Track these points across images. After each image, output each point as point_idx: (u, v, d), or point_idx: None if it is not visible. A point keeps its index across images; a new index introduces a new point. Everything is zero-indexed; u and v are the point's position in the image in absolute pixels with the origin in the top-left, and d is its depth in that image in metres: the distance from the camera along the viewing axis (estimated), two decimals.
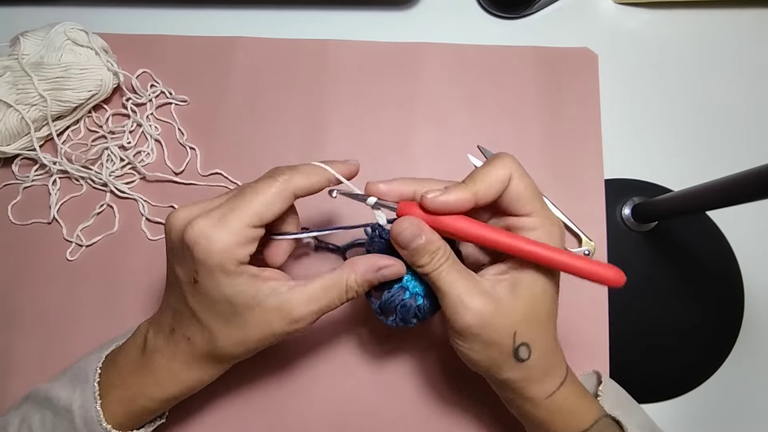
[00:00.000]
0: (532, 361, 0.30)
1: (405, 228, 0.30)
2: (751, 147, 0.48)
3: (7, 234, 0.46)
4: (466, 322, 0.29)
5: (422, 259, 0.30)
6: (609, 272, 0.29)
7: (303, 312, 0.31)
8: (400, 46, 0.50)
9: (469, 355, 0.31)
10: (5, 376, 0.42)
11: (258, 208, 0.30)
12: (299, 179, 0.31)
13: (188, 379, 0.33)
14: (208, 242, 0.29)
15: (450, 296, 0.30)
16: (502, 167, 0.30)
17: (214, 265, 0.29)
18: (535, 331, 0.31)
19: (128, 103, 0.48)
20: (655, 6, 0.51)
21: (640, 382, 0.43)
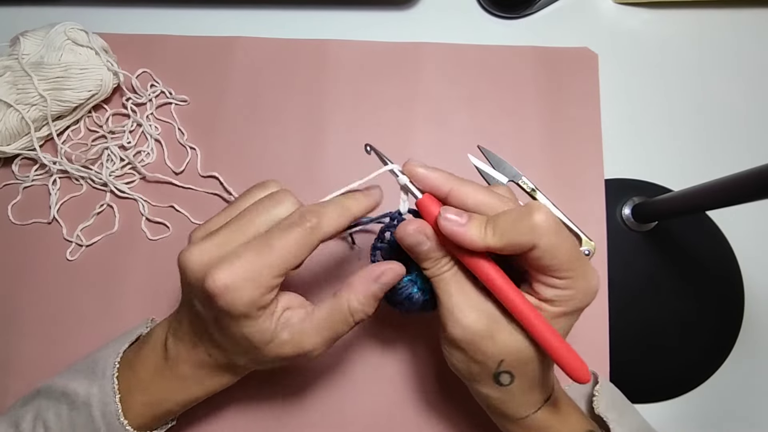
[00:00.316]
0: (513, 388, 0.30)
1: (409, 233, 0.30)
2: (751, 147, 0.48)
3: (7, 234, 0.46)
4: (455, 335, 0.30)
5: (425, 263, 0.30)
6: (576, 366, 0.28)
7: (312, 344, 0.30)
8: (400, 46, 0.50)
9: (450, 360, 0.32)
10: (5, 376, 0.42)
11: (284, 262, 0.28)
12: (327, 224, 0.30)
13: (212, 384, 0.34)
14: (234, 296, 0.27)
15: (445, 306, 0.30)
16: (527, 234, 0.27)
17: (239, 314, 0.28)
18: (524, 368, 0.30)
19: (128, 103, 0.48)
20: (655, 6, 0.51)
21: (640, 382, 0.43)
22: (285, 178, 0.46)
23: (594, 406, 0.35)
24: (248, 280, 0.27)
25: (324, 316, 0.30)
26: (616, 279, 0.43)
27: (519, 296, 0.29)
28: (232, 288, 0.27)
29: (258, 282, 0.28)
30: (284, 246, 0.28)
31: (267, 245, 0.28)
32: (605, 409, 0.34)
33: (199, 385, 0.33)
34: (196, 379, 0.33)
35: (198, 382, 0.33)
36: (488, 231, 0.28)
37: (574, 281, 0.28)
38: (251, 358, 0.31)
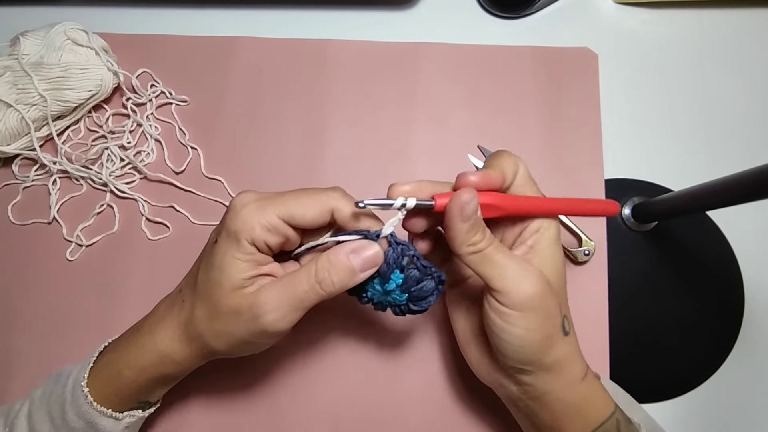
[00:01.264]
0: (571, 335, 0.31)
1: (471, 198, 0.29)
2: (751, 147, 0.48)
3: (7, 234, 0.46)
4: (530, 291, 0.29)
5: (477, 235, 0.30)
6: (606, 205, 0.34)
7: (271, 302, 0.30)
8: (400, 46, 0.50)
9: (526, 335, 0.30)
10: (5, 376, 0.42)
11: (292, 207, 0.30)
12: (344, 204, 0.31)
13: (162, 346, 0.32)
14: (239, 210, 0.30)
15: (509, 268, 0.30)
16: (510, 156, 0.32)
17: (233, 230, 0.30)
18: (566, 302, 0.32)
19: (128, 103, 0.48)
20: (655, 6, 0.51)
21: (640, 382, 0.43)
22: (285, 177, 0.46)
23: None
24: (258, 205, 0.30)
25: (290, 277, 0.30)
26: (616, 279, 0.43)
27: (540, 199, 0.32)
28: (244, 203, 0.30)
29: (264, 210, 0.30)
30: (300, 196, 0.31)
31: (291, 192, 0.32)
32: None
33: (151, 342, 0.32)
34: (151, 335, 0.33)
35: (151, 339, 0.32)
36: (496, 169, 0.31)
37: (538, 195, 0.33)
38: (208, 308, 0.31)
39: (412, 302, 0.32)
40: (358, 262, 0.30)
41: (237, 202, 0.31)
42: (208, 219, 0.46)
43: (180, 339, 0.32)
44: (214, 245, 0.31)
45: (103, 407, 0.32)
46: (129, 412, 0.34)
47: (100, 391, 0.32)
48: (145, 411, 0.35)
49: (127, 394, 0.33)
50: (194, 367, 0.34)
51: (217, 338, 0.31)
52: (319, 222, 0.31)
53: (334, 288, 0.30)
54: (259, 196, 0.31)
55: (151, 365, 0.33)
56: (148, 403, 0.35)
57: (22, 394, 0.36)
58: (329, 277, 0.30)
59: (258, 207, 0.30)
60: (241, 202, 0.31)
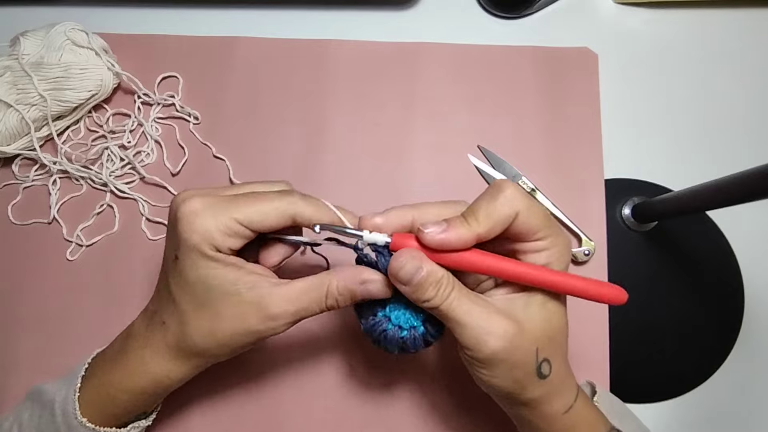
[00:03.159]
0: (552, 376, 0.30)
1: (405, 262, 0.28)
2: (751, 147, 0.48)
3: (7, 234, 0.46)
4: (492, 348, 0.28)
5: (427, 293, 0.28)
6: (612, 291, 0.29)
7: (280, 310, 0.30)
8: (400, 46, 0.50)
9: (491, 382, 0.29)
10: (5, 376, 0.42)
11: (251, 213, 0.29)
12: (304, 208, 0.30)
13: (156, 370, 0.32)
14: (193, 220, 0.29)
15: (469, 326, 0.28)
16: (507, 205, 0.28)
17: (193, 244, 0.29)
18: (552, 346, 0.30)
19: (138, 101, 0.48)
20: (655, 6, 0.51)
21: (640, 382, 0.43)
22: (285, 177, 0.46)
23: None
24: (211, 212, 0.29)
25: (301, 288, 0.30)
26: (616, 279, 0.43)
27: (525, 265, 0.29)
28: (195, 212, 0.29)
29: (218, 217, 0.29)
30: (257, 201, 0.30)
31: (244, 194, 0.30)
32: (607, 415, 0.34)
33: (142, 367, 0.32)
34: (141, 360, 0.32)
35: (142, 364, 0.32)
36: (471, 222, 0.28)
37: (554, 238, 0.29)
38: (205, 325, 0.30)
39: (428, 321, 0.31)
40: (364, 294, 0.30)
41: (186, 211, 0.29)
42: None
43: (174, 359, 0.32)
44: (177, 262, 0.30)
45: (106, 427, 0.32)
46: (133, 424, 0.34)
47: (94, 417, 0.32)
48: (148, 418, 0.35)
49: (124, 414, 0.33)
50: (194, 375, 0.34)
51: (220, 347, 0.31)
52: (279, 226, 0.31)
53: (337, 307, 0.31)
54: (209, 201, 0.29)
55: (150, 386, 0.32)
56: (144, 413, 0.35)
57: (21, 394, 0.36)
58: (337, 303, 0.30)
59: (212, 213, 0.29)
60: (190, 209, 0.29)
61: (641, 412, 0.42)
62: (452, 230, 0.28)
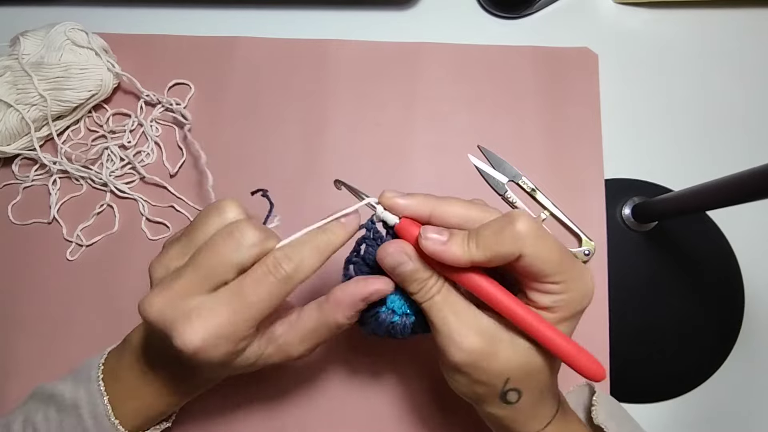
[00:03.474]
0: (521, 404, 0.29)
1: (389, 253, 0.28)
2: (751, 147, 0.48)
3: (7, 234, 0.46)
4: (456, 360, 0.28)
5: (411, 287, 0.29)
6: (592, 366, 0.28)
7: (299, 351, 0.31)
8: (400, 46, 0.50)
9: (454, 386, 0.30)
10: (5, 376, 0.42)
11: (259, 312, 0.28)
12: (302, 270, 0.28)
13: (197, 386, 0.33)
14: (210, 353, 0.27)
15: (441, 332, 0.28)
16: (511, 243, 0.26)
17: (217, 364, 0.28)
18: (531, 380, 0.29)
19: (140, 102, 0.48)
20: (655, 6, 0.51)
21: (641, 382, 0.43)
22: (285, 177, 0.46)
23: (593, 416, 0.35)
24: (223, 337, 0.27)
25: (310, 328, 0.30)
26: (616, 279, 0.43)
27: (518, 305, 0.28)
28: (207, 346, 0.27)
29: (234, 336, 0.27)
30: (259, 298, 0.27)
31: (240, 298, 0.27)
32: (605, 418, 0.34)
33: (183, 387, 0.32)
34: (178, 382, 0.32)
35: (179, 385, 0.32)
36: (471, 245, 0.27)
37: (569, 284, 0.27)
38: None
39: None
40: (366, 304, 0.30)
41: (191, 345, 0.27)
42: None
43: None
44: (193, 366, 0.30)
45: None
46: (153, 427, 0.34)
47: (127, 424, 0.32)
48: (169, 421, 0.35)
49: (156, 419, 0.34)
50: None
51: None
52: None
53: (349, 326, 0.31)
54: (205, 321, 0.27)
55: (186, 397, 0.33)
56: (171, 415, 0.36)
57: (21, 395, 0.36)
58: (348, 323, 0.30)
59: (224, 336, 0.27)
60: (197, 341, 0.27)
61: (641, 412, 0.42)
62: (449, 247, 0.27)
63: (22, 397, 0.36)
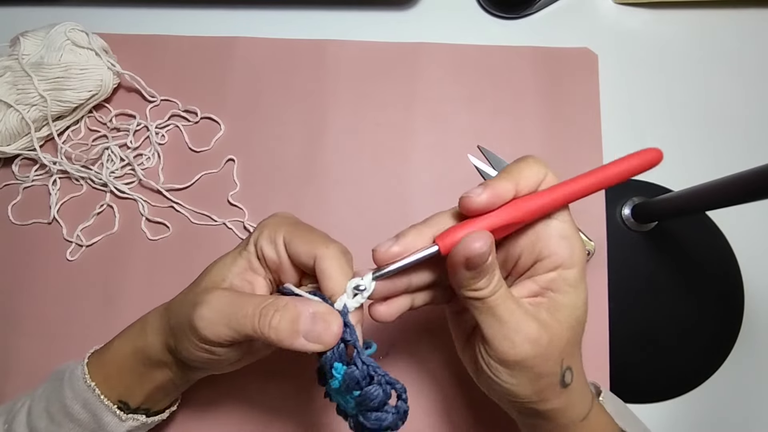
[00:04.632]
0: (574, 383, 0.29)
1: (482, 247, 0.25)
2: (751, 147, 0.47)
3: (7, 234, 0.46)
4: (523, 353, 0.27)
5: (481, 282, 0.26)
6: (652, 155, 0.28)
7: (214, 303, 0.28)
8: (400, 46, 0.50)
9: (513, 390, 0.28)
10: (5, 376, 0.42)
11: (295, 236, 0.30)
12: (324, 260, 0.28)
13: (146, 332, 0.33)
14: (266, 221, 0.32)
15: (506, 325, 0.27)
16: (536, 164, 0.28)
17: (252, 236, 0.32)
18: (575, 351, 0.29)
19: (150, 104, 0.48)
20: (655, 6, 0.51)
21: (640, 382, 0.43)
22: (284, 177, 0.46)
23: None
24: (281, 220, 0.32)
25: (247, 296, 0.29)
26: (616, 279, 0.43)
27: (568, 183, 0.27)
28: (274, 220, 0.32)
29: (277, 228, 0.31)
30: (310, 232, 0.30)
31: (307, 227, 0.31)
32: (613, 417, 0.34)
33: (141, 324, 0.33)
34: (145, 318, 0.33)
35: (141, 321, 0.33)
36: (506, 177, 0.27)
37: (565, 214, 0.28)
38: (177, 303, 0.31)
39: (361, 413, 0.26)
40: (306, 326, 0.26)
41: (272, 217, 0.32)
42: (208, 219, 0.46)
43: (160, 329, 0.32)
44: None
45: (107, 400, 0.32)
46: (133, 415, 0.33)
47: (93, 375, 0.32)
48: (148, 417, 0.35)
49: (114, 381, 0.32)
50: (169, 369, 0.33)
51: (174, 337, 0.30)
52: (303, 261, 0.29)
53: (268, 330, 0.27)
54: (287, 217, 0.32)
55: (132, 349, 0.33)
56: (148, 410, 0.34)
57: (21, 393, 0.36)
58: (272, 316, 0.27)
59: (276, 222, 0.31)
60: (273, 216, 0.32)
61: (641, 412, 0.42)
62: (493, 185, 0.26)
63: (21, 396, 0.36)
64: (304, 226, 0.31)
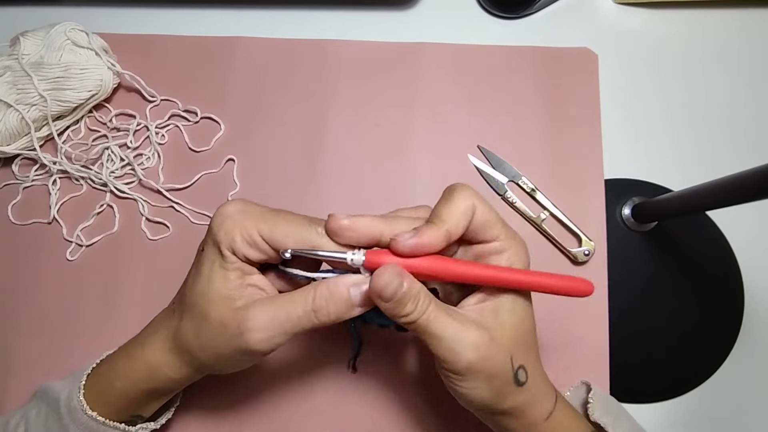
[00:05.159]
0: (530, 382, 0.30)
1: (388, 279, 0.27)
2: (751, 147, 0.47)
3: (7, 234, 0.46)
4: (468, 359, 0.28)
5: (406, 308, 0.28)
6: (579, 285, 0.30)
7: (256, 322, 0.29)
8: (400, 46, 0.50)
9: (470, 394, 0.29)
10: (5, 376, 0.42)
11: (275, 231, 0.29)
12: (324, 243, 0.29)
13: (152, 358, 0.32)
14: (223, 220, 0.30)
15: (445, 339, 0.28)
16: (464, 199, 0.29)
17: (216, 239, 0.30)
18: (526, 352, 0.30)
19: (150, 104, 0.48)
20: (655, 6, 0.51)
21: (640, 382, 0.43)
22: (284, 177, 0.46)
23: (589, 412, 0.35)
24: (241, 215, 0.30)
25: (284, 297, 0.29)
26: (616, 279, 0.43)
27: (492, 267, 0.29)
28: (227, 214, 0.30)
29: (245, 224, 0.29)
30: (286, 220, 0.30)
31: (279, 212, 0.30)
32: (601, 414, 0.34)
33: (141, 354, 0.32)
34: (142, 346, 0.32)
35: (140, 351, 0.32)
36: (437, 222, 0.28)
37: (512, 238, 0.30)
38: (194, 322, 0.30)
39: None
40: (357, 299, 0.29)
41: (222, 211, 0.30)
42: (208, 219, 0.46)
43: (170, 351, 0.32)
44: (202, 254, 0.31)
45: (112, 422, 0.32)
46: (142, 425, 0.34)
47: (92, 404, 0.32)
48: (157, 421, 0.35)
49: (118, 407, 0.32)
50: (187, 382, 0.33)
51: (203, 351, 0.30)
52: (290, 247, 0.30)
53: (329, 318, 0.29)
54: (245, 208, 0.30)
55: (142, 378, 0.32)
56: (140, 417, 0.34)
57: (22, 395, 0.36)
58: (326, 306, 0.29)
59: (241, 220, 0.29)
60: (226, 211, 0.30)
61: (641, 412, 0.42)
62: (423, 233, 0.28)
63: (22, 397, 0.36)
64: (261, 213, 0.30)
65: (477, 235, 0.30)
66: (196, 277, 0.30)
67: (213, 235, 0.30)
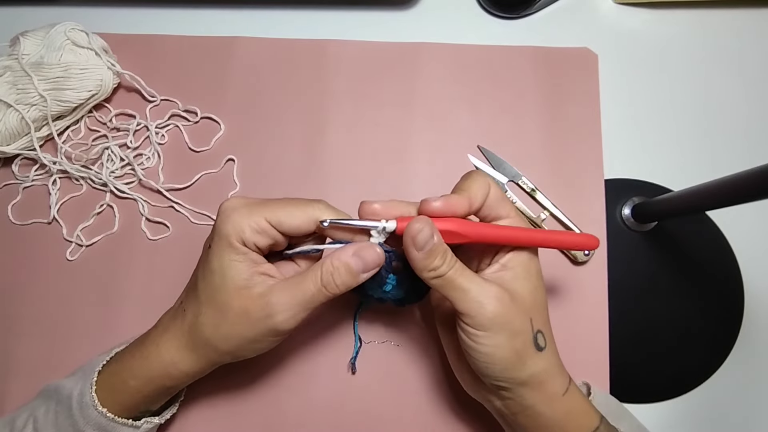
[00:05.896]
0: (547, 350, 0.32)
1: (422, 227, 0.30)
2: (751, 147, 0.48)
3: (7, 234, 0.46)
4: (493, 310, 0.30)
5: (435, 261, 0.30)
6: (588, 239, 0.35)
7: (279, 301, 0.31)
8: (400, 46, 0.50)
9: (493, 354, 0.30)
10: (5, 376, 0.42)
11: (281, 215, 0.31)
12: (330, 215, 0.32)
13: (167, 357, 0.33)
14: (229, 214, 0.31)
15: (471, 290, 0.30)
16: (481, 178, 0.32)
17: (224, 234, 0.31)
18: (542, 317, 0.32)
19: (150, 104, 0.48)
20: (655, 6, 0.51)
21: (640, 382, 0.43)
22: (284, 177, 0.46)
23: None
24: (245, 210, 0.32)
25: (299, 275, 0.32)
26: (616, 279, 0.43)
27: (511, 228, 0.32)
28: (232, 208, 0.32)
29: (251, 214, 0.31)
30: (287, 204, 0.32)
31: (279, 199, 0.33)
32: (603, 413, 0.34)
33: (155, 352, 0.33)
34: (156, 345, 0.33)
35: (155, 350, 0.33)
36: (461, 193, 0.32)
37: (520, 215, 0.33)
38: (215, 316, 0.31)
39: (407, 298, 0.35)
40: (359, 265, 0.31)
41: (226, 207, 0.32)
42: (208, 219, 0.46)
43: (185, 347, 0.33)
44: (209, 251, 0.32)
45: (121, 418, 0.32)
46: (147, 419, 0.34)
47: (103, 401, 0.32)
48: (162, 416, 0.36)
49: (131, 404, 0.33)
50: (200, 375, 0.35)
51: (225, 341, 0.32)
52: (304, 230, 0.32)
53: (338, 290, 0.31)
54: (247, 201, 0.32)
55: (158, 375, 0.33)
56: (148, 410, 0.35)
57: (22, 395, 0.36)
58: (333, 280, 0.31)
59: (247, 211, 0.31)
60: (230, 206, 0.32)
61: (641, 412, 0.42)
62: (449, 197, 0.31)
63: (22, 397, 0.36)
64: (263, 202, 0.32)
65: (492, 211, 0.33)
66: (208, 275, 0.32)
67: (221, 231, 0.31)
